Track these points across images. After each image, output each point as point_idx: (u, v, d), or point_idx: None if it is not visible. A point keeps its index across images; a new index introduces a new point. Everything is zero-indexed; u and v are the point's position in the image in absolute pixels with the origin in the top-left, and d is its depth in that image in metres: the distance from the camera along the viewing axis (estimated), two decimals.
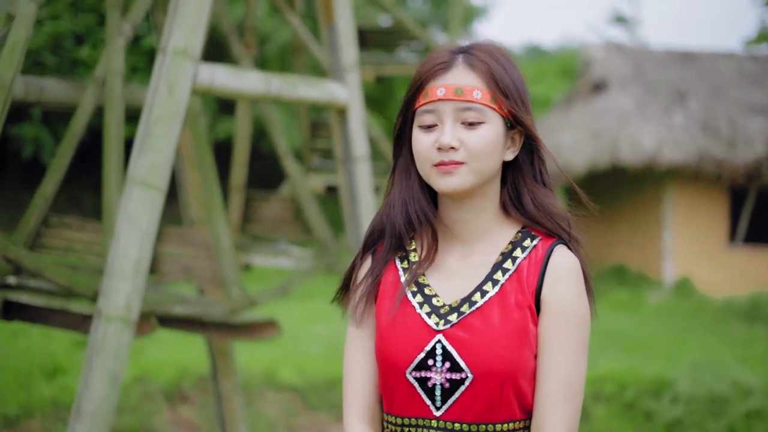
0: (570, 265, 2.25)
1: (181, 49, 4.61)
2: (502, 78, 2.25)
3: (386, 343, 2.26)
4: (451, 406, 2.21)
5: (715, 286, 17.61)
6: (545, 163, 2.35)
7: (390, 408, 2.29)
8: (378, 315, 2.31)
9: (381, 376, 2.29)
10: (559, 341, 2.21)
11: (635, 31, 29.79)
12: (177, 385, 9.19)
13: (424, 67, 2.28)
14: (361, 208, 6.05)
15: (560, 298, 2.22)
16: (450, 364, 2.20)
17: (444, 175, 2.23)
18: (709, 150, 17.71)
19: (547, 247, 2.27)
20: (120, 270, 4.41)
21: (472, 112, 2.22)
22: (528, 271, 2.25)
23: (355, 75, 5.92)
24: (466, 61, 2.25)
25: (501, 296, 2.23)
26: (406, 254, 2.36)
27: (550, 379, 2.20)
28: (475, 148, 2.22)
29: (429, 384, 2.22)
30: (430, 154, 2.24)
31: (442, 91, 2.23)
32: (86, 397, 4.31)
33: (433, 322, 2.24)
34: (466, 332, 2.21)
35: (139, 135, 4.57)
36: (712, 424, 8.68)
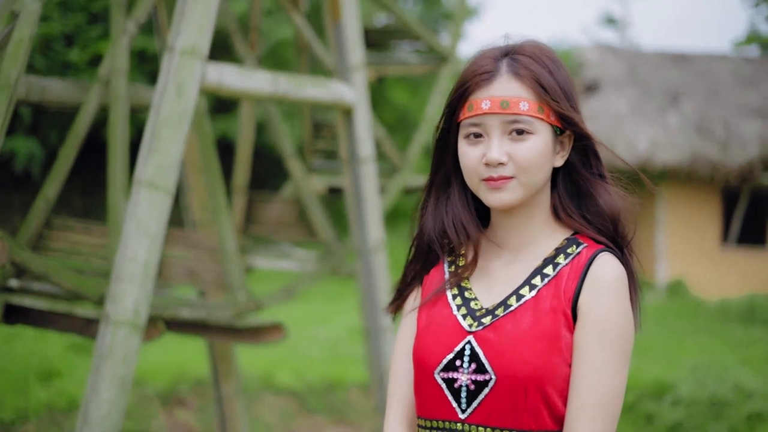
0: (612, 274, 2.17)
1: (189, 49, 4.53)
2: (549, 83, 2.17)
3: (420, 343, 2.24)
4: (476, 408, 2.15)
5: (708, 288, 17.62)
6: (601, 158, 2.28)
7: (421, 411, 2.25)
8: (420, 316, 2.28)
9: (415, 378, 2.26)
10: (594, 352, 2.13)
11: (626, 33, 29.80)
12: (174, 389, 9.10)
13: (467, 76, 2.20)
14: (367, 210, 5.98)
15: (597, 307, 2.14)
16: (476, 365, 2.15)
17: (493, 191, 2.18)
18: (702, 151, 17.73)
19: (590, 255, 2.20)
20: (128, 274, 4.32)
21: (519, 124, 2.15)
22: (567, 278, 2.18)
23: (362, 75, 5.85)
24: (510, 69, 2.17)
25: (536, 301, 2.17)
26: (454, 258, 2.33)
27: (581, 392, 2.12)
28: (524, 161, 2.16)
29: (455, 385, 2.17)
30: (478, 169, 2.18)
31: (488, 104, 2.16)
32: (94, 403, 4.22)
33: (467, 324, 2.20)
34: (495, 334, 2.16)
35: (146, 136, 4.48)
36: (714, 427, 8.63)
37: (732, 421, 8.66)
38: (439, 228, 2.31)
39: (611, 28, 30.04)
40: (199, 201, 6.24)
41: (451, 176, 2.30)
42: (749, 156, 17.76)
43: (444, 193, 2.32)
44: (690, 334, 13.01)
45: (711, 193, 18.44)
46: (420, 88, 20.20)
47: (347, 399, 9.51)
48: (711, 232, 18.45)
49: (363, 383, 9.54)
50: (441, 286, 2.28)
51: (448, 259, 2.32)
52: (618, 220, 2.26)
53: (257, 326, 5.43)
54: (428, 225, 2.32)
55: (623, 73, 19.22)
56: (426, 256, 2.34)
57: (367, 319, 6.20)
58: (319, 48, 6.36)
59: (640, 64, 19.61)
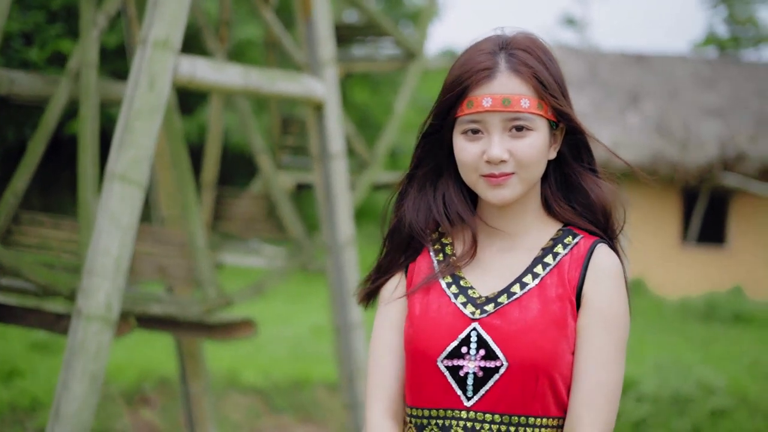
0: (613, 266, 2.20)
1: (161, 41, 4.49)
2: (546, 79, 2.17)
3: (418, 331, 2.20)
4: (483, 396, 2.14)
5: (668, 286, 17.77)
6: (592, 151, 2.29)
7: (416, 400, 2.21)
8: (411, 304, 2.25)
9: (409, 367, 2.22)
10: (599, 341, 2.15)
11: (585, 34, 29.99)
12: (138, 388, 9.03)
13: (465, 72, 2.18)
14: (337, 205, 5.97)
15: (601, 297, 2.17)
16: (485, 352, 2.13)
17: (494, 188, 2.17)
18: (662, 151, 17.88)
19: (589, 245, 2.22)
20: (100, 268, 4.28)
21: (520, 121, 2.15)
22: (569, 267, 2.20)
23: (333, 70, 5.83)
24: (509, 65, 2.17)
25: (541, 288, 2.18)
26: (441, 247, 2.31)
27: (587, 379, 2.13)
28: (525, 158, 2.16)
29: (461, 373, 2.15)
30: (477, 165, 2.18)
31: (489, 101, 2.15)
32: (65, 399, 4.18)
33: (469, 311, 2.18)
34: (503, 321, 2.15)
35: (118, 129, 4.44)
36: (677, 423, 8.71)
37: (695, 417, 8.74)
38: (423, 217, 2.29)
39: (571, 29, 30.24)
40: (167, 197, 6.18)
41: (444, 169, 2.28)
42: (708, 156, 17.93)
43: (431, 185, 2.30)
44: (651, 332, 13.11)
45: (671, 192, 18.61)
46: (381, 88, 20.19)
47: (313, 397, 9.49)
48: (671, 231, 18.62)
49: (329, 382, 9.52)
50: (432, 274, 2.26)
51: (434, 247, 2.30)
52: (609, 213, 2.27)
53: (228, 322, 5.40)
54: (410, 215, 2.30)
55: (584, 74, 19.34)
56: (406, 246, 2.32)
57: (337, 315, 6.18)
58: (289, 43, 6.33)
59: (600, 64, 19.75)
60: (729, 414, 8.79)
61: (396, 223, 2.33)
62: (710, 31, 25.92)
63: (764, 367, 10.82)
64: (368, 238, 14.78)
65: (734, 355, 11.39)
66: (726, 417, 8.76)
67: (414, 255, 2.31)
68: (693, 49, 25.29)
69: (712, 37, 25.71)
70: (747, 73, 20.27)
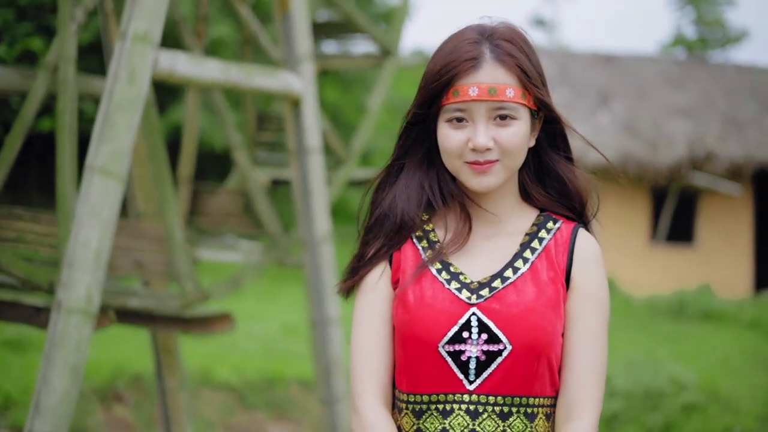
0: (596, 250, 2.30)
1: (141, 35, 4.50)
2: (529, 69, 2.23)
3: (415, 318, 2.22)
4: (486, 379, 2.18)
5: (637, 285, 17.91)
6: (568, 140, 2.36)
7: (413, 386, 2.24)
8: (403, 292, 2.27)
9: (407, 354, 2.24)
10: (589, 322, 2.23)
11: (555, 35, 30.16)
12: (111, 385, 9.01)
13: (452, 62, 2.21)
14: (314, 201, 5.99)
15: (589, 281, 2.26)
16: (487, 336, 2.18)
17: (478, 175, 2.23)
18: (632, 151, 18.02)
19: (570, 230, 2.30)
20: (80, 261, 4.28)
21: (504, 110, 2.21)
22: (556, 251, 2.27)
23: (310, 66, 5.85)
24: (494, 55, 2.21)
25: (533, 272, 2.24)
26: (424, 234, 2.34)
27: (581, 359, 2.21)
28: (509, 146, 2.21)
29: (462, 357, 2.19)
30: (462, 152, 2.22)
31: (475, 90, 2.19)
32: (46, 392, 4.17)
33: (465, 296, 2.22)
34: (501, 305, 2.20)
35: (98, 123, 4.44)
36: (650, 418, 8.79)
37: (667, 411, 8.82)
38: (415, 204, 2.32)
39: (540, 30, 30.39)
40: (143, 192, 6.17)
41: (434, 155, 2.32)
42: (677, 155, 18.08)
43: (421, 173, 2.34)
44: (621, 329, 13.21)
45: (640, 191, 18.74)
46: (352, 87, 20.21)
47: (286, 394, 9.50)
48: (640, 230, 18.75)
49: (302, 379, 9.53)
50: (423, 261, 2.28)
51: (417, 235, 2.33)
52: (584, 200, 2.35)
53: (205, 316, 5.41)
54: (402, 203, 2.32)
55: (554, 74, 19.44)
56: (394, 234, 2.33)
57: (313, 310, 6.20)
58: (266, 40, 6.35)
59: (570, 64, 19.86)
60: (700, 409, 8.89)
61: (383, 213, 2.34)
62: (678, 33, 26.12)
63: (734, 363, 10.94)
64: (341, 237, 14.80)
65: (704, 352, 11.52)
66: (697, 412, 8.85)
67: (399, 244, 2.33)
68: (661, 50, 25.48)
69: (680, 38, 25.92)
70: (715, 74, 20.46)
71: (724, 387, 9.42)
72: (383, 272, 2.31)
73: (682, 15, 25.89)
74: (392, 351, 2.29)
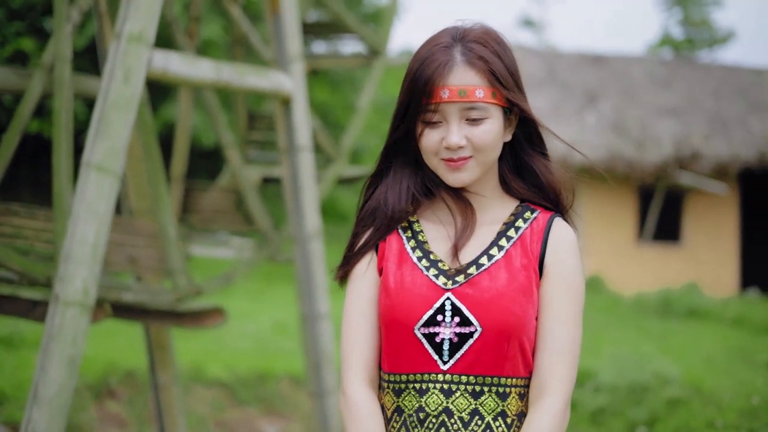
0: (570, 237, 2.43)
1: (136, 35, 4.62)
2: (500, 70, 2.37)
3: (395, 302, 2.38)
4: (458, 359, 2.33)
5: (624, 283, 18.04)
6: (542, 135, 2.49)
7: (394, 367, 2.39)
8: (385, 278, 2.42)
9: (386, 336, 2.40)
10: (561, 306, 2.37)
11: (543, 35, 30.30)
12: (104, 381, 9.11)
13: (426, 68, 2.36)
14: (304, 198, 6.11)
15: (562, 266, 2.39)
16: (459, 319, 2.33)
17: (453, 171, 2.38)
18: (619, 150, 18.14)
19: (547, 219, 2.44)
20: (77, 255, 4.39)
21: (475, 110, 2.35)
22: (531, 239, 2.41)
23: (300, 66, 5.97)
24: (465, 58, 2.35)
25: (507, 259, 2.38)
26: (409, 225, 2.49)
27: (553, 340, 2.35)
28: (480, 143, 2.36)
29: (437, 339, 2.34)
30: (437, 150, 2.38)
31: (446, 93, 2.34)
32: (43, 383, 4.29)
33: (441, 282, 2.37)
34: (474, 290, 2.34)
35: (94, 120, 4.56)
36: (634, 412, 8.91)
37: (652, 406, 8.94)
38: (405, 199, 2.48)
39: (529, 30, 30.54)
40: (136, 189, 6.28)
41: (416, 156, 2.47)
42: (664, 155, 18.21)
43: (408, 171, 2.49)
44: (608, 326, 13.35)
45: (627, 190, 18.88)
46: (341, 87, 20.33)
47: (277, 390, 9.61)
48: (627, 228, 18.88)
49: (292, 375, 9.65)
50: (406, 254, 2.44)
51: (402, 226, 2.49)
52: (558, 193, 2.49)
53: (198, 310, 5.52)
54: (393, 198, 2.48)
55: (542, 74, 19.57)
56: (386, 226, 2.48)
57: (303, 305, 6.31)
58: (256, 40, 6.47)
59: (558, 64, 19.99)
60: (684, 403, 9.01)
61: (373, 206, 2.50)
62: (665, 33, 26.27)
63: (718, 359, 11.09)
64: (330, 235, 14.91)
65: (689, 349, 11.65)
66: (681, 406, 8.97)
67: (386, 235, 2.48)
68: (648, 51, 25.61)
69: (667, 39, 26.07)
70: (702, 74, 20.61)
71: (707, 382, 9.55)
72: (371, 261, 2.47)
73: (670, 16, 26.05)
74: (379, 334, 2.45)
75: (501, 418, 2.34)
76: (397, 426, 2.38)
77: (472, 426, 2.32)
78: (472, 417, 2.32)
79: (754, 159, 18.70)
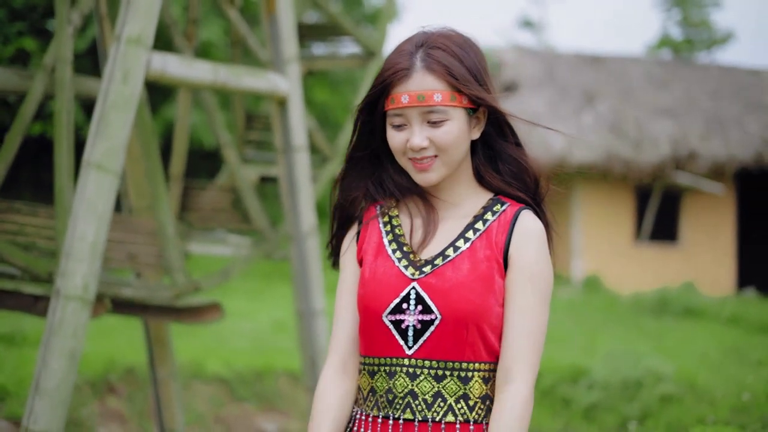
0: (535, 229, 2.55)
1: (135, 38, 4.75)
2: (459, 72, 2.50)
3: (368, 291, 2.56)
4: (421, 345, 2.49)
5: (622, 283, 18.14)
6: (513, 127, 2.63)
7: (368, 351, 2.57)
8: (363, 269, 2.61)
9: (362, 322, 2.58)
10: (525, 295, 2.51)
11: (543, 36, 30.41)
12: (104, 378, 9.23)
13: (387, 73, 2.53)
14: (300, 196, 6.24)
15: (525, 257, 2.52)
16: (422, 307, 2.49)
17: (420, 172, 2.54)
18: (616, 150, 18.25)
19: (514, 211, 2.57)
20: (78, 252, 4.53)
21: (435, 114, 2.50)
22: (497, 231, 2.55)
23: (296, 67, 6.11)
24: (424, 64, 2.50)
25: (471, 251, 2.53)
26: (389, 219, 2.66)
27: (516, 327, 2.50)
28: (443, 144, 2.51)
29: (402, 326, 2.50)
30: (404, 150, 2.54)
31: (406, 98, 2.50)
32: (45, 375, 4.42)
33: (410, 273, 2.53)
34: (437, 280, 2.50)
35: (94, 121, 4.69)
36: (627, 408, 9.04)
37: (644, 402, 9.07)
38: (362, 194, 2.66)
39: (529, 31, 30.63)
40: (135, 188, 6.41)
41: (380, 153, 2.64)
42: (661, 155, 18.33)
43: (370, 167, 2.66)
44: (604, 325, 13.48)
45: (625, 190, 18.99)
46: (341, 87, 20.46)
47: (275, 387, 9.74)
48: (625, 228, 18.98)
49: (290, 372, 9.78)
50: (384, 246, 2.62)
51: (383, 219, 2.65)
52: (536, 179, 2.63)
53: (196, 306, 5.65)
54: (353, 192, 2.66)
55: (540, 74, 19.68)
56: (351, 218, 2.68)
57: (299, 301, 6.45)
58: (254, 42, 6.60)
59: (556, 65, 20.10)
60: (677, 399, 9.13)
61: (340, 200, 2.69)
62: (665, 34, 26.34)
63: (712, 357, 11.21)
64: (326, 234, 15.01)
65: (683, 346, 11.77)
66: (674, 402, 9.09)
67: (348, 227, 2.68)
68: (647, 52, 25.70)
69: (666, 40, 26.15)
70: (699, 75, 20.72)
71: (701, 379, 9.68)
72: (349, 249, 2.67)
73: (669, 17, 26.14)
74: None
75: (463, 400, 2.49)
76: (371, 405, 2.56)
77: (435, 407, 2.48)
78: (435, 399, 2.48)
79: (751, 159, 18.83)
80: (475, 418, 2.49)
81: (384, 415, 2.52)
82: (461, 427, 2.48)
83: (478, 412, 2.50)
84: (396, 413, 2.50)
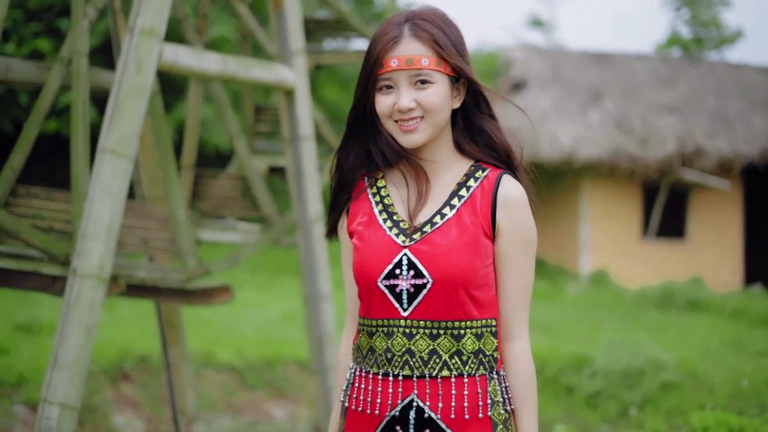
0: (517, 193, 2.78)
1: (148, 29, 4.99)
2: (444, 42, 2.73)
3: (362, 258, 2.77)
4: (415, 307, 2.72)
5: (629, 278, 18.27)
6: (488, 99, 2.85)
7: (366, 313, 2.80)
8: (356, 238, 2.82)
9: (359, 287, 2.81)
10: (516, 258, 2.76)
11: (552, 34, 30.54)
12: (119, 366, 9.48)
13: (378, 43, 2.74)
14: (306, 184, 6.48)
15: (512, 222, 2.75)
16: (414, 272, 2.71)
17: (406, 133, 2.75)
18: (623, 147, 18.39)
19: (495, 177, 2.79)
20: (93, 232, 4.76)
21: (422, 76, 2.72)
22: (481, 197, 2.76)
23: (302, 59, 6.35)
24: (412, 32, 2.73)
25: (457, 217, 2.75)
26: (378, 190, 2.87)
27: (512, 289, 2.76)
28: (429, 105, 2.72)
29: (397, 290, 2.73)
30: (391, 113, 2.75)
31: (396, 62, 2.71)
32: (63, 349, 4.65)
33: (401, 240, 2.75)
34: (427, 246, 2.72)
35: (109, 109, 4.93)
36: (629, 395, 9.24)
37: (646, 390, 9.27)
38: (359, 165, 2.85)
39: (538, 30, 30.77)
40: (148, 177, 6.66)
41: (375, 121, 2.83)
42: (667, 151, 18.46)
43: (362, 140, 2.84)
44: (608, 317, 13.66)
45: (631, 187, 19.12)
46: (350, 84, 20.70)
47: (285, 375, 9.98)
48: (632, 224, 19.11)
49: (300, 361, 10.02)
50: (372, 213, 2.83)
51: (372, 191, 2.86)
52: (509, 150, 2.86)
53: (206, 288, 5.89)
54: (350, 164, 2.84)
55: (548, 72, 19.84)
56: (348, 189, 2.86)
57: (306, 285, 6.68)
58: (262, 36, 6.85)
59: (563, 63, 20.25)
60: (677, 387, 9.32)
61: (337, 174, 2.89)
62: (673, 32, 26.42)
63: (712, 347, 11.39)
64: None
65: (685, 337, 11.95)
66: (674, 389, 9.28)
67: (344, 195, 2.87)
68: (656, 51, 25.79)
69: (675, 38, 26.23)
70: (705, 72, 20.84)
71: (701, 368, 9.87)
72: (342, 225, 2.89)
73: (678, 15, 26.23)
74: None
75: (456, 356, 2.71)
76: (370, 362, 2.78)
77: (431, 363, 2.70)
78: (431, 356, 2.70)
79: (758, 156, 18.96)
80: (468, 371, 2.71)
81: (384, 373, 2.74)
82: (456, 381, 2.70)
83: (471, 366, 2.71)
84: (395, 370, 2.72)
